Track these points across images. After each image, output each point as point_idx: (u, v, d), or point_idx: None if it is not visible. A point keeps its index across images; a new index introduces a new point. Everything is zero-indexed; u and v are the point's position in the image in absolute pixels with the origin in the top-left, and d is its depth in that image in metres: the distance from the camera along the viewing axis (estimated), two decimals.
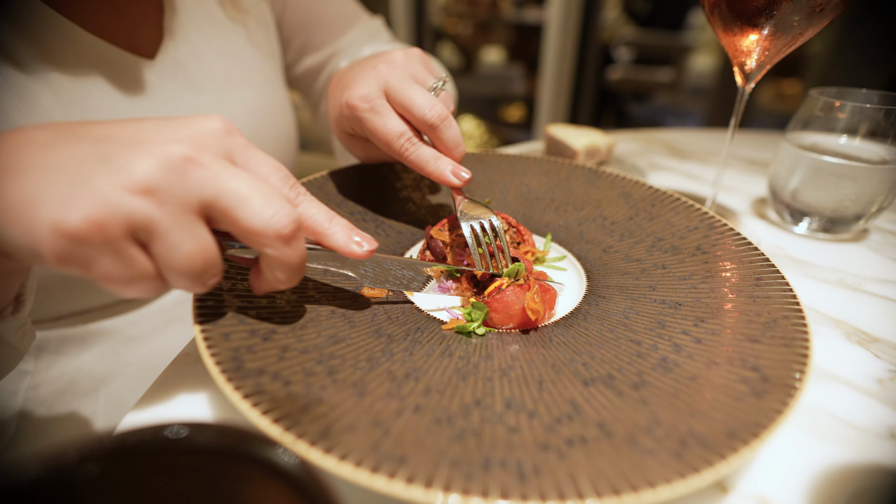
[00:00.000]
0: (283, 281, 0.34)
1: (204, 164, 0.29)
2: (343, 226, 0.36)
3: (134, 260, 0.28)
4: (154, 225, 0.27)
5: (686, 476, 0.26)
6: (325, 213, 0.36)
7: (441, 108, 0.47)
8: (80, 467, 0.20)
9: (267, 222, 0.30)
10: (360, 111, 0.48)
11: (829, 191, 0.62)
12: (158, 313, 0.62)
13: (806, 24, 0.50)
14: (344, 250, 0.36)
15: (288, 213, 0.31)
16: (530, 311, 0.41)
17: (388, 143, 0.48)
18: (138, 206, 0.27)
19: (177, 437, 0.21)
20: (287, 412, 0.29)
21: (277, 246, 0.31)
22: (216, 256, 0.30)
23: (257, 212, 0.29)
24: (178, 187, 0.28)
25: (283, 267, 0.32)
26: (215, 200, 0.29)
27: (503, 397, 0.33)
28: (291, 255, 0.32)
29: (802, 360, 0.34)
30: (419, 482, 0.25)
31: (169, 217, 0.28)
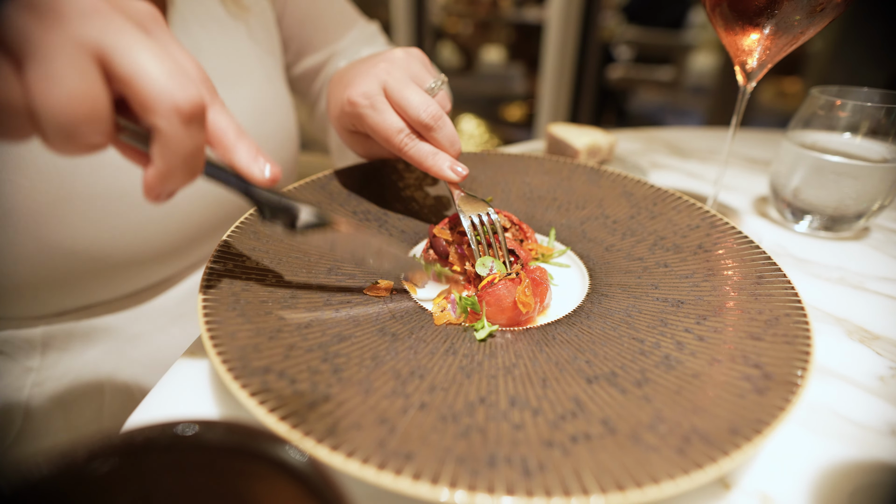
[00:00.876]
0: (173, 173, 0.30)
1: (113, 16, 0.26)
2: (252, 145, 0.33)
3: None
4: (31, 42, 0.24)
5: (689, 472, 0.26)
6: (236, 126, 0.33)
7: (435, 109, 0.48)
8: (89, 464, 0.20)
9: (166, 89, 0.27)
10: (360, 108, 0.49)
11: (831, 189, 0.63)
12: (162, 310, 0.62)
13: (807, 23, 0.51)
14: (244, 170, 0.33)
15: (193, 91, 0.28)
16: (521, 304, 0.41)
17: (387, 138, 0.49)
18: (16, 16, 0.23)
19: (186, 434, 0.21)
20: (293, 410, 0.29)
21: (173, 121, 0.27)
22: (105, 111, 0.26)
23: (157, 77, 0.26)
24: (75, 22, 0.25)
25: (174, 152, 0.29)
26: (115, 54, 0.26)
27: (507, 395, 0.33)
28: (185, 140, 0.28)
29: (804, 358, 0.34)
30: (425, 478, 0.25)
31: (53, 44, 0.24)
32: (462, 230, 0.50)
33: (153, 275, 0.60)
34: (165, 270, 0.61)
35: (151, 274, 0.60)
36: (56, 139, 0.26)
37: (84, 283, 0.54)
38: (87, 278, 0.54)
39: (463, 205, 0.50)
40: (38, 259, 0.50)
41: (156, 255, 0.58)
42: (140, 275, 0.58)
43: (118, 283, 0.57)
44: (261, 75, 0.67)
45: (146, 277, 0.59)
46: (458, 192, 0.52)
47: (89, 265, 0.53)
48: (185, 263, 0.63)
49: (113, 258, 0.54)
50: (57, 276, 0.52)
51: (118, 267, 0.55)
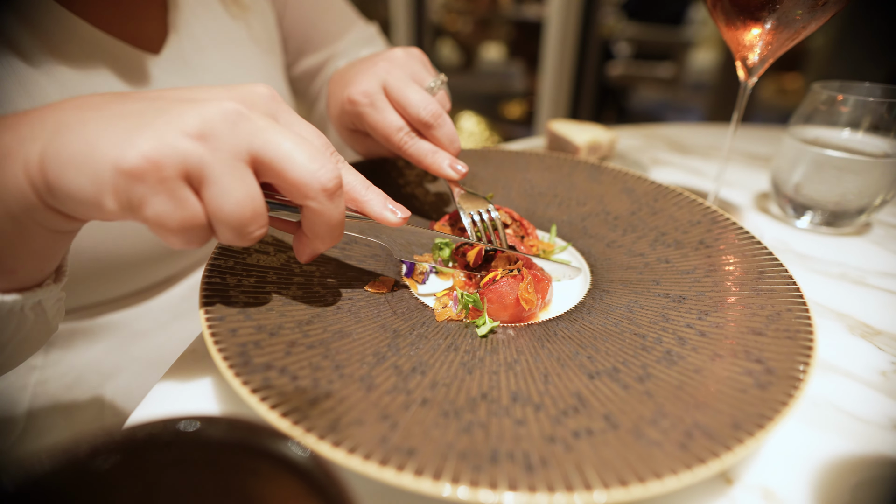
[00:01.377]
0: (323, 240, 0.35)
1: (253, 118, 0.30)
2: (379, 194, 0.38)
3: (186, 202, 0.28)
4: (207, 168, 0.28)
5: (692, 467, 0.26)
6: (362, 180, 0.38)
7: (435, 107, 0.49)
8: (92, 461, 0.20)
9: (313, 174, 0.31)
10: (360, 106, 0.50)
11: (832, 185, 0.62)
12: (164, 308, 0.62)
13: (808, 18, 0.51)
14: (379, 217, 0.38)
15: (332, 168, 0.32)
16: (524, 301, 0.41)
17: (387, 136, 0.50)
18: (192, 148, 0.28)
19: (188, 430, 0.21)
20: (295, 406, 0.29)
21: (321, 199, 0.32)
22: (263, 207, 0.31)
23: (303, 164, 0.31)
24: (229, 135, 0.29)
25: (325, 223, 0.33)
26: (264, 151, 0.30)
27: (509, 390, 0.33)
28: (333, 211, 0.33)
29: (806, 353, 0.34)
30: (428, 474, 0.25)
31: (221, 163, 0.29)
32: (462, 226, 0.50)
33: (156, 274, 0.60)
34: (168, 269, 0.61)
35: (154, 273, 0.60)
36: (228, 237, 0.31)
37: (88, 283, 0.54)
38: (92, 278, 0.54)
39: (463, 202, 0.51)
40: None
41: (158, 255, 0.58)
42: (143, 274, 0.59)
43: (121, 283, 0.57)
44: (262, 75, 0.67)
45: (149, 276, 0.60)
46: (458, 189, 0.52)
47: (93, 265, 0.53)
48: (186, 262, 0.64)
49: (116, 258, 0.54)
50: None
51: (121, 266, 0.55)
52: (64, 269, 0.39)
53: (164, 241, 0.30)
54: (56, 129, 0.28)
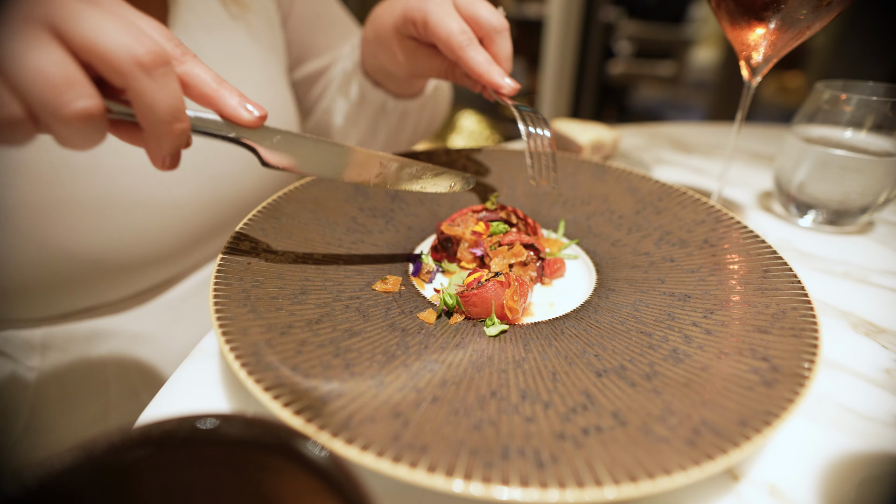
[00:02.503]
0: (158, 133, 0.31)
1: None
2: (233, 90, 0.35)
3: None
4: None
5: (701, 463, 0.27)
6: (214, 75, 0.34)
7: (504, 20, 0.52)
8: (109, 458, 0.21)
9: (121, 46, 0.27)
10: (430, 4, 0.52)
11: (836, 183, 0.63)
12: (164, 310, 0.62)
13: (813, 17, 0.51)
14: (233, 114, 0.35)
15: (149, 43, 0.28)
16: (508, 310, 0.41)
17: (448, 37, 0.51)
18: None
19: (205, 427, 0.22)
20: (308, 404, 0.30)
21: (137, 74, 0.28)
22: (76, 74, 0.27)
23: (109, 35, 0.27)
24: (24, 4, 0.26)
25: (151, 111, 0.30)
26: (63, 22, 0.27)
27: (518, 388, 0.33)
28: (157, 93, 0.29)
29: (812, 351, 0.34)
30: (440, 471, 0.26)
31: (8, 28, 0.26)
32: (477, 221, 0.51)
33: (154, 276, 0.60)
34: (166, 272, 0.61)
35: (153, 276, 0.60)
36: (50, 116, 0.27)
37: (86, 286, 0.54)
38: (89, 281, 0.54)
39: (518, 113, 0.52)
40: (40, 262, 0.50)
41: (157, 258, 0.58)
42: (141, 277, 0.59)
43: (120, 286, 0.57)
44: (263, 76, 0.67)
45: (147, 279, 0.60)
46: (510, 102, 0.53)
47: (91, 268, 0.53)
48: (185, 265, 0.64)
49: (115, 261, 0.54)
50: (59, 278, 0.52)
51: (120, 270, 0.55)
52: None
53: None
54: None
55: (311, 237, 0.48)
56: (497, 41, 0.52)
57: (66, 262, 0.51)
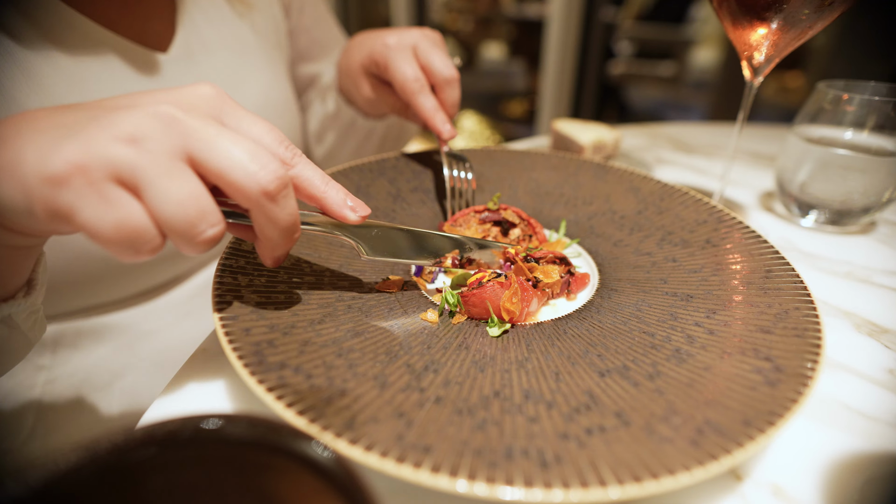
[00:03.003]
0: (276, 243, 0.33)
1: (188, 120, 0.29)
2: (338, 189, 0.37)
3: (118, 203, 0.27)
4: (139, 170, 0.27)
5: (705, 463, 0.26)
6: (320, 175, 0.36)
7: (454, 71, 0.58)
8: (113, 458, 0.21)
9: (251, 176, 0.29)
10: (391, 51, 0.58)
11: (838, 183, 0.63)
12: (171, 308, 0.63)
13: (815, 17, 0.51)
14: (338, 215, 0.37)
15: (273, 168, 0.30)
16: (505, 312, 0.41)
17: (404, 82, 0.57)
18: (122, 151, 0.27)
19: (208, 428, 0.22)
20: (311, 404, 0.30)
21: (263, 202, 0.30)
22: (209, 204, 0.29)
23: (240, 165, 0.29)
24: (162, 138, 0.28)
25: (272, 226, 0.32)
26: (199, 152, 0.29)
27: (521, 388, 0.33)
28: (279, 214, 0.32)
29: (815, 350, 0.34)
30: (444, 471, 0.26)
31: (154, 164, 0.28)
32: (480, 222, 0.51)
33: (162, 274, 0.60)
34: (174, 269, 0.62)
35: (161, 273, 0.60)
36: (182, 243, 0.29)
37: (94, 284, 0.55)
38: (98, 279, 0.54)
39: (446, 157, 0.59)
40: (54, 260, 0.50)
41: (166, 256, 0.58)
42: (149, 274, 0.59)
43: (128, 283, 0.58)
44: (267, 73, 0.68)
45: (155, 277, 0.60)
46: (445, 148, 0.60)
47: (100, 265, 0.53)
48: (192, 263, 0.64)
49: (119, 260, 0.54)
50: (69, 277, 0.52)
51: (128, 267, 0.55)
52: (35, 282, 0.38)
53: (114, 254, 0.29)
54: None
55: (312, 238, 0.48)
56: (446, 90, 0.58)
57: (78, 261, 0.52)
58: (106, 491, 0.21)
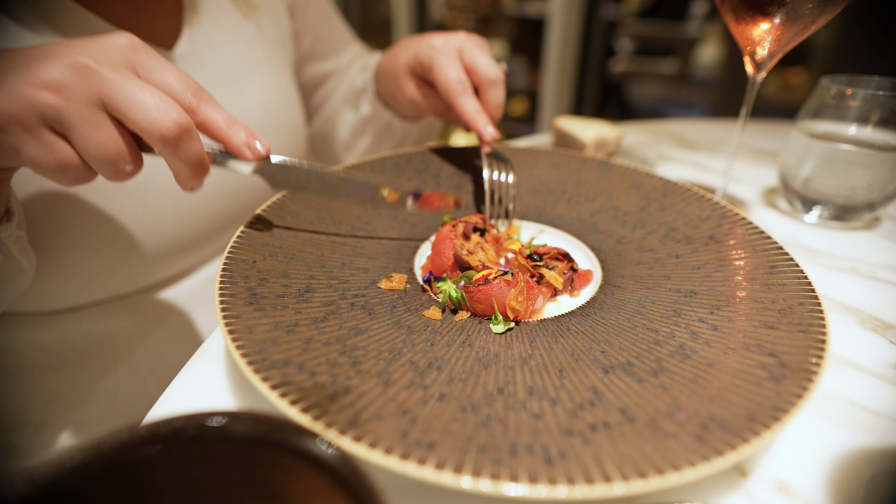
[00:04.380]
0: (185, 178, 0.38)
1: (102, 71, 0.33)
2: (239, 131, 0.40)
3: (55, 145, 0.33)
4: (63, 115, 0.32)
5: (710, 459, 0.26)
6: (225, 116, 0.39)
7: (500, 72, 0.58)
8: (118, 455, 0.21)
9: (153, 123, 0.34)
10: (437, 52, 0.59)
11: (841, 179, 0.62)
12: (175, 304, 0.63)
13: (818, 11, 0.50)
14: (239, 152, 0.40)
15: (174, 116, 0.34)
16: (511, 310, 0.41)
17: (447, 83, 0.58)
18: (46, 98, 0.32)
19: (212, 425, 0.22)
20: (315, 402, 0.30)
21: (166, 145, 0.35)
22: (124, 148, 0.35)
23: (145, 113, 0.33)
24: (80, 86, 0.32)
25: (178, 164, 0.37)
26: (111, 101, 0.33)
27: (525, 385, 0.33)
28: (181, 155, 0.36)
29: (820, 346, 0.34)
30: (449, 468, 0.26)
31: (76, 110, 0.32)
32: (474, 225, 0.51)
33: (165, 269, 0.61)
34: (177, 265, 0.62)
35: (164, 268, 0.60)
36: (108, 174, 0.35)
37: (99, 278, 0.55)
38: (103, 273, 0.55)
39: (487, 160, 0.58)
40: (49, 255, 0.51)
41: (169, 251, 0.59)
42: (152, 270, 0.59)
43: (132, 278, 0.58)
44: (271, 71, 0.68)
45: (158, 272, 0.60)
46: (486, 149, 0.59)
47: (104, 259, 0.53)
48: (197, 258, 0.64)
49: (127, 253, 0.55)
50: (68, 270, 0.53)
51: (133, 261, 0.56)
52: (12, 210, 0.42)
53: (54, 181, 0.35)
54: None
55: (315, 236, 0.48)
56: (490, 91, 0.58)
57: (75, 254, 0.52)
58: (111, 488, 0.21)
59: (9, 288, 0.45)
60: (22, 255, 0.45)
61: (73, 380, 0.58)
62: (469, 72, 0.58)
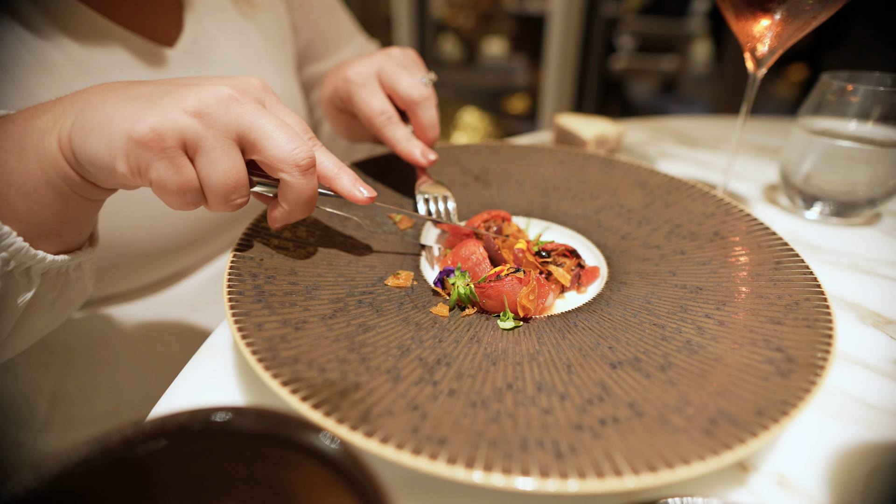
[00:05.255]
0: (296, 210, 0.40)
1: (244, 102, 0.36)
2: (349, 173, 0.42)
3: (183, 168, 0.34)
4: (201, 141, 0.34)
5: (719, 453, 0.27)
6: (335, 161, 0.42)
7: (424, 90, 0.53)
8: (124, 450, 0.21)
9: (289, 153, 0.36)
10: (353, 85, 0.54)
11: (842, 175, 0.63)
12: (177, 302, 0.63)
13: (819, 8, 0.51)
14: (348, 194, 0.42)
15: (307, 148, 0.37)
16: (521, 308, 0.41)
17: (369, 117, 0.54)
18: (190, 123, 0.33)
19: (218, 420, 0.22)
20: (326, 398, 0.30)
21: (295, 174, 0.37)
22: (245, 179, 0.37)
23: (281, 144, 0.36)
24: (222, 115, 0.35)
25: (297, 195, 0.38)
26: (249, 131, 0.36)
27: (534, 381, 0.34)
28: (305, 186, 0.38)
29: (827, 341, 0.34)
30: (461, 462, 0.26)
31: (213, 138, 0.34)
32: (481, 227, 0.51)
33: (168, 266, 0.61)
34: (181, 262, 0.62)
35: (167, 265, 0.61)
36: (217, 203, 0.37)
37: (103, 275, 0.55)
38: (107, 269, 0.55)
39: (424, 190, 0.55)
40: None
41: (172, 247, 0.59)
42: (155, 267, 0.59)
43: (134, 275, 0.58)
44: (273, 68, 0.68)
45: (161, 269, 0.60)
46: (424, 177, 0.56)
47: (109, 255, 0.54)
48: (198, 256, 0.64)
49: (131, 249, 0.55)
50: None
51: (135, 258, 0.56)
52: (96, 235, 0.44)
53: (165, 202, 0.36)
54: (83, 108, 0.34)
55: (321, 234, 0.48)
56: (417, 112, 0.54)
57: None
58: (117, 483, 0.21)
59: (71, 306, 0.46)
60: (90, 280, 0.46)
61: (78, 378, 0.59)
62: (391, 96, 0.54)
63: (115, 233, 0.53)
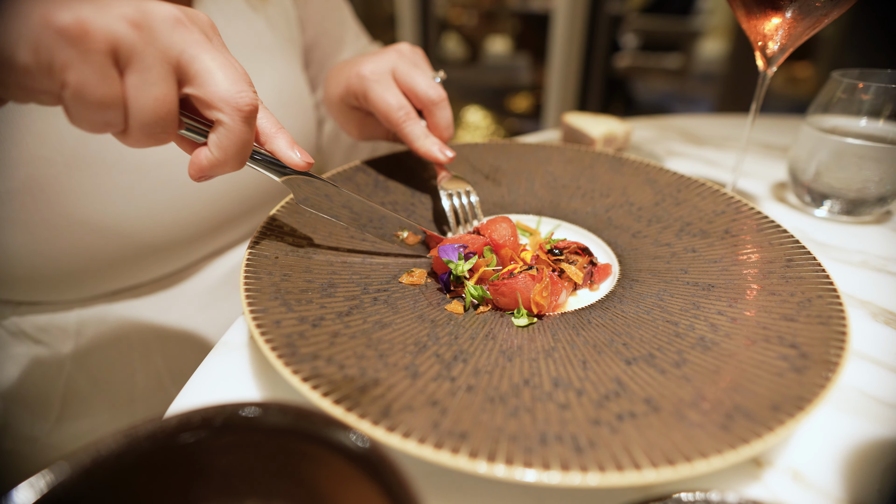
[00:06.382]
0: (226, 159, 0.35)
1: (191, 30, 0.32)
2: (288, 135, 0.40)
3: (110, 79, 0.29)
4: (137, 56, 0.29)
5: (736, 447, 0.27)
6: (275, 121, 0.40)
7: (441, 90, 0.54)
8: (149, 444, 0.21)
9: (233, 94, 0.33)
10: (368, 81, 0.54)
11: (853, 173, 0.63)
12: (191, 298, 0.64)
13: (831, 6, 0.51)
14: (284, 156, 0.40)
15: (252, 94, 0.34)
16: (535, 305, 0.42)
17: (387, 112, 0.54)
18: (127, 31, 0.29)
19: (242, 415, 0.22)
20: (346, 394, 0.30)
21: (235, 118, 0.33)
22: (177, 113, 0.33)
23: (225, 82, 0.33)
24: (164, 35, 0.31)
25: (231, 142, 0.35)
26: (192, 61, 0.32)
27: (550, 376, 0.34)
28: (243, 133, 0.35)
29: (841, 338, 0.35)
30: (482, 456, 0.26)
31: (151, 55, 0.30)
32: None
33: (178, 260, 0.61)
34: (190, 256, 0.63)
35: (177, 259, 0.61)
36: (138, 134, 0.32)
37: (115, 266, 0.56)
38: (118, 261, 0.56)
39: (446, 185, 0.56)
40: (70, 237, 0.51)
41: (181, 239, 0.59)
42: (166, 259, 0.60)
43: (145, 267, 0.59)
44: (281, 64, 0.69)
45: (171, 262, 0.61)
46: (444, 172, 0.57)
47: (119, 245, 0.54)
48: (208, 250, 0.65)
49: (142, 239, 0.56)
50: (90, 257, 0.53)
51: (144, 250, 0.57)
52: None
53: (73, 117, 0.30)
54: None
55: (334, 231, 0.49)
56: (434, 112, 0.54)
57: (96, 238, 0.53)
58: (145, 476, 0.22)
59: None
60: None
61: (91, 374, 0.59)
62: (408, 94, 0.54)
63: (124, 222, 0.53)
